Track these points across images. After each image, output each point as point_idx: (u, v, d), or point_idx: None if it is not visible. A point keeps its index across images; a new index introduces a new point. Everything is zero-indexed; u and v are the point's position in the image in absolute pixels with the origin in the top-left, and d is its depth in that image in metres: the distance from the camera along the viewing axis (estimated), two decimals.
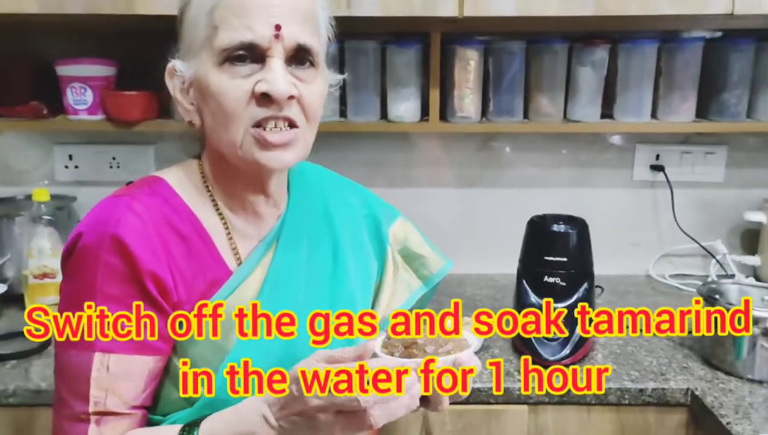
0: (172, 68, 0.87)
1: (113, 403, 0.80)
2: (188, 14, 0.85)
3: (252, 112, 0.81)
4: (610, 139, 1.85)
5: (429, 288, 1.11)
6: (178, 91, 0.87)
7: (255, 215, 0.93)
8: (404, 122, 1.64)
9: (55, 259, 1.59)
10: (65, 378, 0.81)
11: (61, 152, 1.84)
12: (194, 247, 0.87)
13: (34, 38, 1.75)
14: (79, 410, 0.80)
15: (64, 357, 0.82)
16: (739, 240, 1.90)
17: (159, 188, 0.88)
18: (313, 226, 0.97)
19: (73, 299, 0.81)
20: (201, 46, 0.83)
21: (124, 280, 0.80)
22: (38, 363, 1.35)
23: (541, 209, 1.47)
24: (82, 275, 0.81)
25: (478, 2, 1.38)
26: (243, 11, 0.80)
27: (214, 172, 0.91)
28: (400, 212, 1.12)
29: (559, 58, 1.63)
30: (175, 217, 0.86)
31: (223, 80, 0.81)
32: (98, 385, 0.79)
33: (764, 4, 1.37)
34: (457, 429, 1.30)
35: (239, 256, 0.91)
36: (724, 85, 1.64)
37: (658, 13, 1.38)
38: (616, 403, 1.28)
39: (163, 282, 0.82)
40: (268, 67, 0.81)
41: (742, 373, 1.30)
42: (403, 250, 1.09)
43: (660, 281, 1.87)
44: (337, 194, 1.02)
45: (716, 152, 1.84)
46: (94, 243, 0.80)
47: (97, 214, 0.84)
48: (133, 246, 0.80)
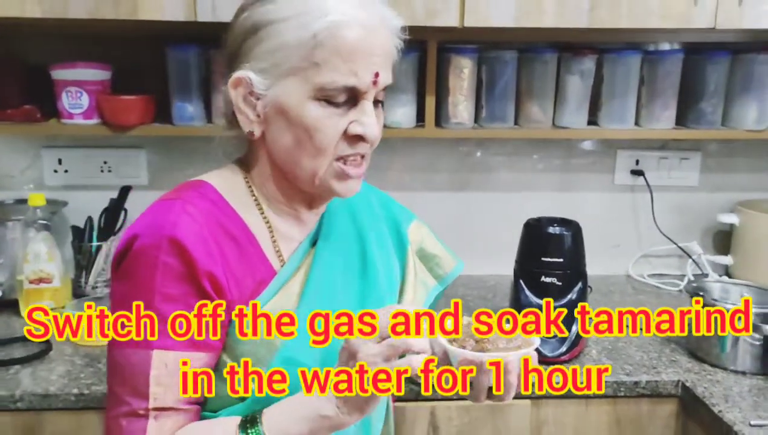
0: (244, 78, 0.86)
1: (172, 399, 0.82)
2: (276, 35, 0.84)
3: (341, 148, 0.87)
4: (582, 145, 1.93)
5: (444, 287, 1.15)
6: (242, 100, 0.88)
7: (297, 219, 0.97)
8: (401, 127, 1.68)
9: (51, 263, 1.58)
10: (122, 376, 0.83)
11: (50, 156, 1.82)
12: (243, 248, 0.90)
13: (25, 41, 1.73)
14: (138, 407, 0.81)
15: (121, 356, 0.83)
16: (712, 241, 2.00)
17: (206, 192, 0.91)
18: (344, 228, 1.01)
19: (129, 299, 0.83)
20: (292, 72, 0.84)
21: (182, 279, 0.82)
22: (42, 368, 1.35)
23: (527, 212, 1.53)
24: (139, 276, 0.82)
25: (478, 13, 1.44)
26: (351, 57, 0.83)
27: (262, 180, 0.94)
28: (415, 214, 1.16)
29: (549, 67, 1.70)
30: (224, 220, 0.89)
31: (319, 116, 0.85)
32: (158, 381, 0.81)
33: (743, 20, 1.46)
34: (463, 423, 1.35)
35: (282, 257, 0.94)
36: (702, 95, 1.73)
37: (646, 26, 1.46)
38: (613, 395, 1.35)
39: (218, 281, 0.84)
40: (362, 109, 0.86)
41: (727, 364, 1.39)
42: (419, 251, 1.13)
43: (639, 281, 1.95)
44: (361, 198, 1.06)
45: (691, 158, 1.94)
46: (152, 244, 0.82)
47: (153, 216, 0.86)
48: (190, 247, 0.82)
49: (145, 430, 0.81)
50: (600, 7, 1.44)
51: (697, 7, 1.45)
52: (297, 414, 0.80)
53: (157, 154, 1.85)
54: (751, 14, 1.46)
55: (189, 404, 0.84)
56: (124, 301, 0.83)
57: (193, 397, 0.84)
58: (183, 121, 1.66)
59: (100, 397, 1.25)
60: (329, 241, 0.98)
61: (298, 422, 0.79)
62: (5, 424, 1.26)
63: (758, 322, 1.35)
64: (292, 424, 0.80)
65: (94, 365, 1.36)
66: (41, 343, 1.44)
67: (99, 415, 1.27)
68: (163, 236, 0.82)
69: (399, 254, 1.09)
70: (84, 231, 1.71)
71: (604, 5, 1.44)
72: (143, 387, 0.81)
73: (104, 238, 1.72)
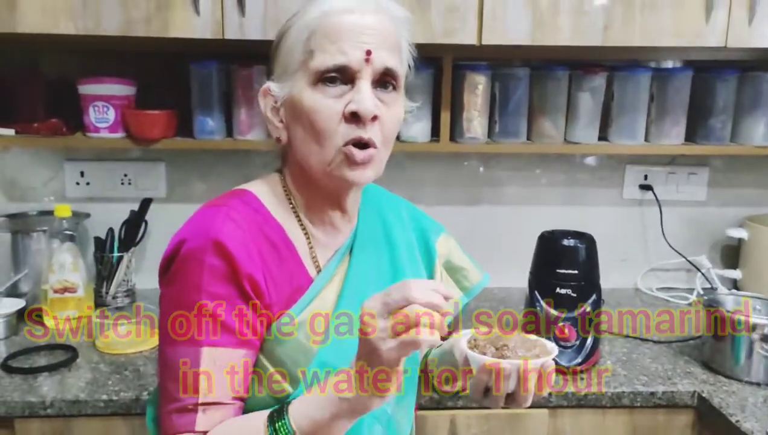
0: (267, 89, 0.94)
1: (220, 394, 0.85)
2: (286, 41, 0.92)
3: (342, 131, 0.88)
4: (592, 160, 1.97)
5: (469, 298, 1.18)
6: (270, 109, 0.94)
7: (332, 227, 1.00)
8: (417, 142, 1.72)
9: (76, 273, 1.62)
10: (173, 373, 0.86)
11: (73, 169, 1.86)
12: (282, 255, 0.93)
13: (50, 56, 1.77)
14: (188, 402, 0.84)
15: (172, 353, 0.86)
16: (720, 255, 2.04)
17: (249, 200, 0.95)
18: (376, 238, 1.04)
19: (179, 299, 0.86)
20: (297, 68, 0.90)
21: (226, 280, 0.86)
22: (69, 375, 1.37)
23: (537, 226, 1.56)
24: (188, 277, 0.86)
25: (495, 31, 1.48)
26: (338, 36, 0.88)
27: (296, 187, 0.98)
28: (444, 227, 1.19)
29: (561, 84, 1.74)
30: (265, 227, 0.93)
31: (317, 99, 0.88)
32: (207, 377, 0.84)
33: (752, 39, 1.51)
34: (482, 431, 1.37)
35: (318, 265, 0.98)
36: (711, 112, 1.77)
37: (659, 44, 1.50)
38: (629, 405, 1.38)
39: (258, 284, 0.88)
40: (358, 88, 0.88)
41: (741, 376, 1.42)
42: (447, 263, 1.16)
43: (648, 294, 1.98)
44: (392, 209, 1.10)
45: (699, 173, 1.98)
46: (199, 247, 0.86)
47: (199, 222, 0.90)
48: (233, 250, 0.86)
49: (194, 422, 0.84)
50: (614, 26, 1.49)
51: (709, 27, 1.49)
52: (319, 400, 0.81)
53: (175, 168, 1.88)
54: (760, 34, 1.51)
55: (235, 399, 0.87)
56: (174, 301, 0.87)
57: (238, 393, 0.87)
58: (204, 135, 1.69)
59: (128, 404, 1.28)
60: (363, 251, 1.01)
61: (320, 408, 0.80)
62: (34, 431, 1.29)
63: None
64: (315, 411, 0.81)
65: (121, 372, 1.39)
66: (67, 350, 1.46)
67: (126, 421, 1.30)
68: (209, 239, 0.86)
69: (427, 265, 1.12)
70: (105, 242, 1.75)
71: (617, 24, 1.49)
72: (193, 383, 0.84)
73: (125, 249, 1.76)
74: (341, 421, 0.81)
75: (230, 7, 1.42)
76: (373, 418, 0.96)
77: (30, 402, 1.27)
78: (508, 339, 0.86)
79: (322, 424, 0.80)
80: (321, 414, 0.80)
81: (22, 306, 1.59)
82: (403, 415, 1.03)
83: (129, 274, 1.77)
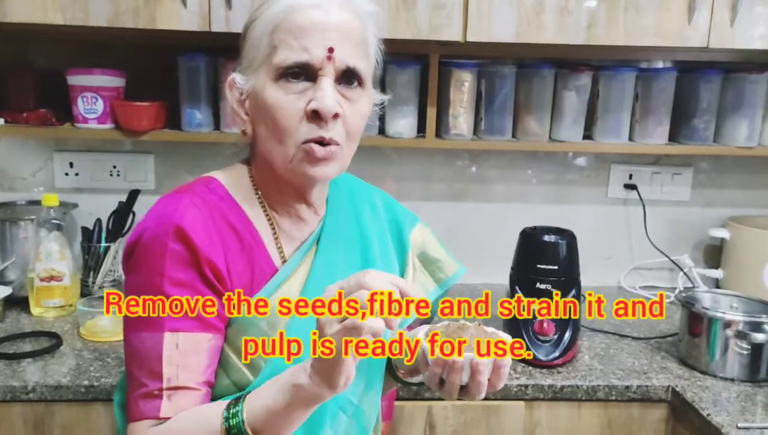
0: (232, 81, 0.95)
1: (185, 378, 0.86)
2: (252, 34, 0.93)
3: (303, 128, 0.89)
4: (577, 159, 1.99)
5: (444, 290, 1.19)
6: (236, 102, 0.95)
7: (299, 219, 1.01)
8: (402, 138, 1.74)
9: (62, 262, 1.63)
10: (138, 359, 0.87)
11: (62, 159, 1.87)
12: (246, 243, 0.94)
13: (40, 47, 1.79)
14: (153, 387, 0.86)
15: (137, 340, 0.88)
16: (702, 255, 2.06)
17: (214, 187, 0.96)
18: (346, 230, 1.05)
19: (142, 285, 0.88)
20: (261, 63, 0.91)
21: (188, 265, 0.87)
22: (52, 362, 1.39)
23: (522, 224, 1.58)
24: (150, 262, 0.87)
25: (480, 28, 1.50)
26: (301, 33, 0.88)
27: (262, 178, 0.99)
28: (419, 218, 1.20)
29: (547, 82, 1.76)
30: (229, 214, 0.94)
31: (279, 96, 0.89)
32: (170, 362, 0.86)
33: (735, 40, 1.53)
34: (459, 423, 1.39)
35: (284, 255, 0.98)
36: (694, 112, 1.79)
37: (642, 44, 1.52)
38: (604, 399, 1.40)
39: (218, 270, 0.89)
40: (319, 85, 0.89)
41: (716, 372, 1.44)
42: (422, 255, 1.17)
43: (631, 292, 2.00)
44: (365, 200, 1.11)
45: (683, 173, 2.00)
46: (161, 233, 0.87)
47: (162, 208, 0.91)
48: (194, 236, 0.87)
49: (159, 408, 0.85)
50: (597, 25, 1.51)
51: (691, 27, 1.51)
52: (274, 387, 0.82)
53: (164, 160, 1.90)
54: (742, 35, 1.53)
55: (201, 384, 0.88)
56: (136, 287, 0.88)
57: (205, 377, 0.89)
58: (192, 128, 1.71)
59: (109, 390, 1.30)
60: (331, 241, 1.02)
61: (274, 395, 0.81)
62: (16, 415, 1.31)
63: (747, 331, 1.40)
64: (269, 399, 0.81)
65: (103, 359, 1.40)
66: (51, 338, 1.48)
67: (107, 407, 1.32)
68: (171, 225, 0.87)
69: (399, 257, 1.12)
70: (93, 232, 1.76)
71: (601, 23, 1.51)
72: (157, 368, 0.86)
73: (112, 239, 1.77)
74: (296, 411, 0.81)
75: (217, 0, 1.44)
76: (337, 407, 0.97)
77: (12, 386, 1.28)
78: (464, 331, 0.87)
79: (277, 412, 0.80)
80: (275, 402, 0.80)
81: (8, 293, 1.61)
82: (369, 405, 1.04)
83: (116, 265, 1.79)
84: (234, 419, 0.81)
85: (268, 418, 0.81)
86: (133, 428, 0.87)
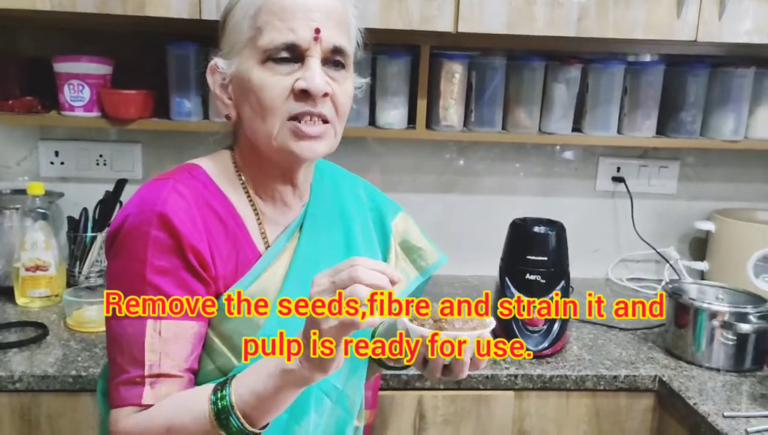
0: (214, 66, 0.94)
1: (167, 366, 0.86)
2: (232, 18, 0.93)
3: (289, 106, 0.89)
4: (566, 152, 2.00)
5: (425, 278, 1.19)
6: (218, 86, 0.95)
7: (283, 204, 1.01)
8: (393, 129, 1.74)
9: (48, 252, 1.61)
10: (120, 346, 0.87)
11: (47, 148, 1.85)
12: (230, 229, 0.94)
13: (26, 34, 1.76)
14: (135, 374, 0.85)
15: (119, 327, 0.87)
16: (688, 247, 2.08)
17: (197, 174, 0.95)
18: (330, 217, 1.05)
19: (124, 272, 0.87)
20: (244, 45, 0.91)
21: (171, 253, 0.87)
22: (39, 352, 1.38)
23: (511, 216, 1.58)
24: (132, 250, 0.87)
25: (472, 19, 1.50)
26: (286, 15, 0.88)
27: (246, 163, 0.98)
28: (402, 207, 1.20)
29: (537, 75, 1.77)
30: (213, 200, 0.94)
31: (265, 77, 0.89)
32: (152, 349, 0.85)
33: (723, 34, 1.54)
34: (449, 413, 1.40)
35: (267, 241, 0.98)
36: (682, 105, 1.81)
37: (631, 37, 1.53)
38: (592, 388, 1.41)
39: (203, 257, 0.89)
40: (307, 66, 0.89)
41: (702, 362, 1.45)
42: (403, 243, 1.17)
43: (618, 284, 2.02)
44: (349, 189, 1.11)
45: (670, 166, 2.02)
46: (144, 220, 0.87)
47: (144, 195, 0.90)
48: (178, 222, 0.87)
49: (141, 395, 0.85)
50: (588, 18, 1.51)
51: (680, 21, 1.53)
52: (263, 372, 0.82)
53: (152, 149, 1.88)
54: (730, 29, 1.54)
55: (184, 371, 0.88)
56: (119, 275, 0.88)
57: (187, 364, 0.88)
58: (180, 117, 1.70)
59: (96, 380, 1.28)
60: (314, 228, 1.02)
61: (264, 380, 0.81)
62: (3, 404, 1.29)
63: (732, 321, 1.42)
64: (258, 383, 0.81)
65: (91, 350, 1.39)
66: (37, 328, 1.46)
67: (94, 397, 1.29)
68: (154, 212, 0.87)
69: (382, 245, 1.13)
70: (79, 222, 1.74)
71: (591, 16, 1.51)
72: (139, 355, 0.85)
73: (99, 229, 1.75)
74: (284, 393, 0.81)
75: None
76: (321, 392, 0.97)
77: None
78: (448, 316, 0.87)
79: (265, 395, 0.80)
80: (263, 385, 0.81)
81: None
82: (353, 389, 1.04)
83: (102, 255, 1.77)
84: (222, 402, 0.81)
85: (256, 402, 0.81)
86: (115, 415, 0.87)
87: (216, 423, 0.81)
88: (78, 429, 1.32)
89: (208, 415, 0.82)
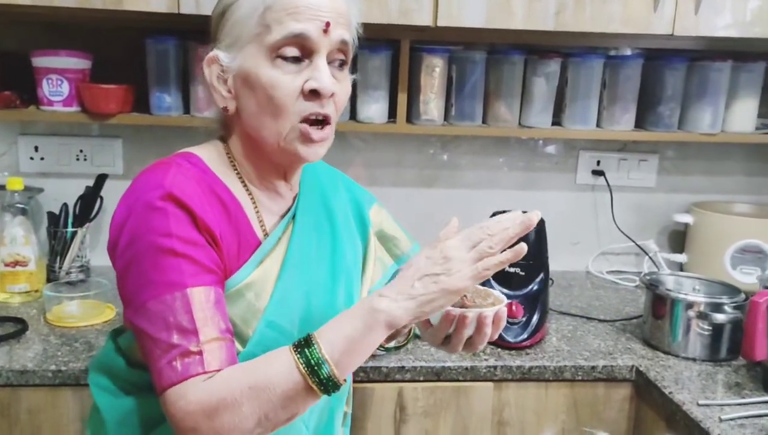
0: (214, 57, 0.94)
1: (216, 330, 0.85)
2: (236, 11, 0.92)
3: (300, 107, 0.91)
4: (546, 146, 2.01)
5: (399, 265, 1.21)
6: (216, 78, 0.95)
7: (276, 194, 1.03)
8: (373, 123, 1.74)
9: (27, 247, 1.61)
10: (165, 322, 0.84)
11: (27, 144, 1.84)
12: (232, 213, 0.95)
13: (3, 28, 1.75)
14: (188, 345, 0.83)
15: (159, 304, 0.85)
16: (667, 239, 2.10)
17: (195, 161, 0.96)
18: (316, 207, 1.08)
19: (151, 248, 0.86)
20: (249, 41, 0.91)
21: (192, 227, 0.88)
22: (18, 347, 1.37)
23: (491, 209, 1.56)
24: (154, 227, 0.86)
25: (451, 13, 1.50)
26: (297, 10, 0.90)
27: (242, 155, 0.99)
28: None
29: (516, 68, 1.78)
30: (214, 186, 0.95)
31: (275, 75, 0.90)
32: (202, 315, 0.85)
33: (699, 28, 1.56)
34: (429, 404, 1.41)
35: (265, 228, 1.00)
36: (660, 99, 1.83)
37: (608, 30, 1.54)
38: (571, 379, 1.42)
39: (214, 234, 0.90)
40: (315, 65, 0.91)
41: (678, 352, 1.47)
42: (379, 232, 1.20)
43: (598, 276, 2.04)
44: (330, 181, 1.13)
45: (649, 160, 2.04)
46: (157, 198, 0.87)
47: (149, 178, 0.90)
48: (189, 201, 0.88)
49: (203, 363, 0.83)
50: (565, 11, 1.53)
51: (656, 15, 1.54)
52: (352, 313, 0.84)
53: (132, 144, 1.87)
54: (706, 23, 1.56)
55: (226, 332, 0.87)
56: (144, 255, 0.86)
57: (228, 326, 0.88)
58: (161, 111, 1.69)
59: (77, 374, 1.29)
60: (305, 218, 1.04)
61: (352, 320, 0.83)
62: None
63: (708, 312, 1.44)
64: (346, 324, 0.83)
65: (71, 344, 1.39)
66: (17, 323, 1.46)
67: (74, 391, 1.31)
68: (164, 192, 0.87)
69: (361, 234, 1.15)
70: (59, 217, 1.74)
71: (569, 9, 1.53)
72: (190, 325, 0.84)
73: (79, 224, 1.75)
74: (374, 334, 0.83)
75: None
76: None
77: None
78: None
79: (357, 338, 0.82)
80: (352, 328, 0.82)
81: None
82: None
83: (83, 250, 1.77)
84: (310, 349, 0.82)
85: (347, 346, 0.82)
86: (179, 391, 0.82)
87: (306, 371, 0.81)
88: (59, 423, 1.32)
89: (295, 365, 0.82)
